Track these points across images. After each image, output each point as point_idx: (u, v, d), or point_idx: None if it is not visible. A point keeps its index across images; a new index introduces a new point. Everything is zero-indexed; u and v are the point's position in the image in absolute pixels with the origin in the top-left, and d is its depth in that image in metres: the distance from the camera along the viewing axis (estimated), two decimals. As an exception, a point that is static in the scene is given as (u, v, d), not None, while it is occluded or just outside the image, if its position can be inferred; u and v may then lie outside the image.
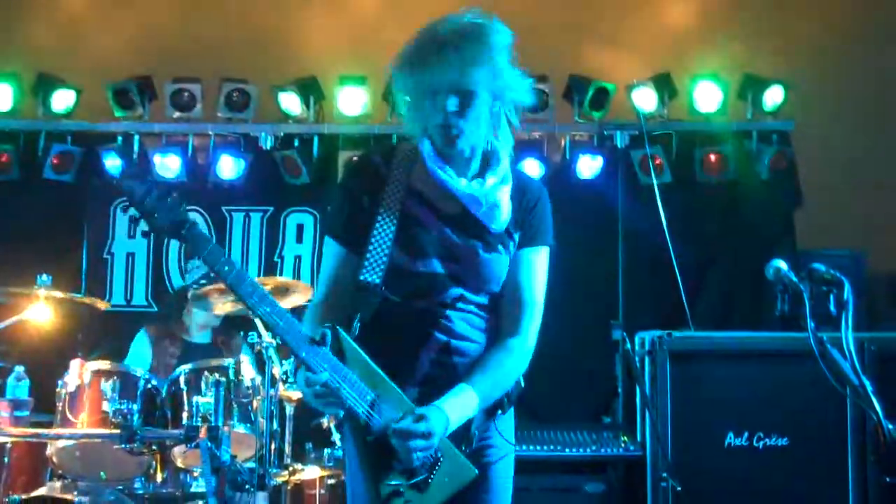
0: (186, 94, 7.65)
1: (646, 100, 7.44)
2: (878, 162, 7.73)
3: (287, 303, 5.63)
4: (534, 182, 3.27)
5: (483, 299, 3.10)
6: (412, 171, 3.10)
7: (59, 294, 5.45)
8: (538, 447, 5.79)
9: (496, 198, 3.08)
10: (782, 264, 3.45)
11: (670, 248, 6.37)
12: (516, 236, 3.13)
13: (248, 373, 5.38)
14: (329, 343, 2.87)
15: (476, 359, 3.07)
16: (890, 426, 3.06)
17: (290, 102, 7.57)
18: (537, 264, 3.18)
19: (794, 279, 3.36)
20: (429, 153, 3.07)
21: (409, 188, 3.07)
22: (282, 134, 7.71)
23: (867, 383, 3.14)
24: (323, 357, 2.85)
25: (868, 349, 5.44)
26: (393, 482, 2.95)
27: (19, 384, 5.30)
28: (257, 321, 5.45)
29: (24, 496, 5.10)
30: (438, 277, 3.04)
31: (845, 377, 3.18)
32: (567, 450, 5.83)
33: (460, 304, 3.07)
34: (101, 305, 5.96)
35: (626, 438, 5.93)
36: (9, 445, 5.33)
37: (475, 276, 3.07)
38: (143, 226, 2.84)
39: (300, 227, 7.70)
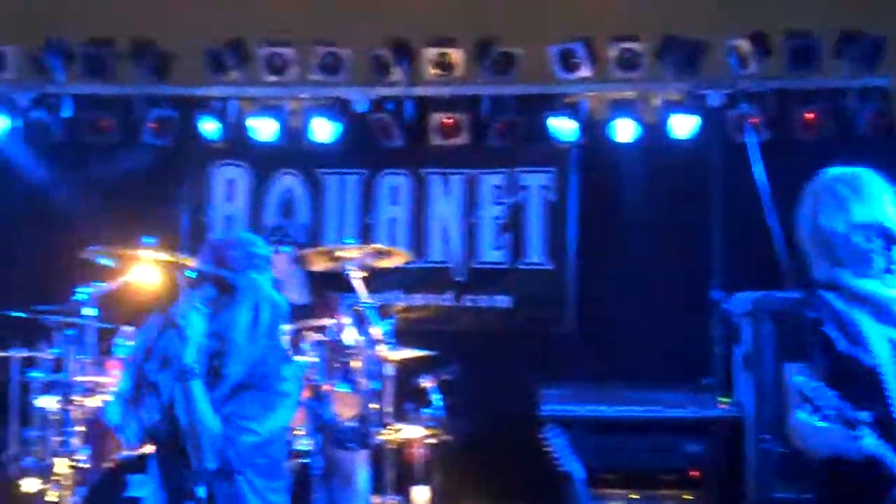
0: (279, 57, 7.72)
1: (741, 57, 7.33)
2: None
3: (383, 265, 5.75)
4: None
5: None
6: None
7: (164, 256, 5.52)
8: (638, 407, 5.77)
9: None
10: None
11: (768, 207, 6.30)
12: None
13: (349, 333, 5.42)
14: None
15: None
16: None
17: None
18: None
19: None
20: None
21: None
22: (374, 97, 7.76)
23: None
24: None
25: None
26: None
27: (127, 344, 5.41)
28: (355, 281, 5.52)
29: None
30: None
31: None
32: (666, 410, 5.81)
33: None
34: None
35: (723, 399, 5.90)
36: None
37: None
38: None
39: (394, 190, 7.76)
